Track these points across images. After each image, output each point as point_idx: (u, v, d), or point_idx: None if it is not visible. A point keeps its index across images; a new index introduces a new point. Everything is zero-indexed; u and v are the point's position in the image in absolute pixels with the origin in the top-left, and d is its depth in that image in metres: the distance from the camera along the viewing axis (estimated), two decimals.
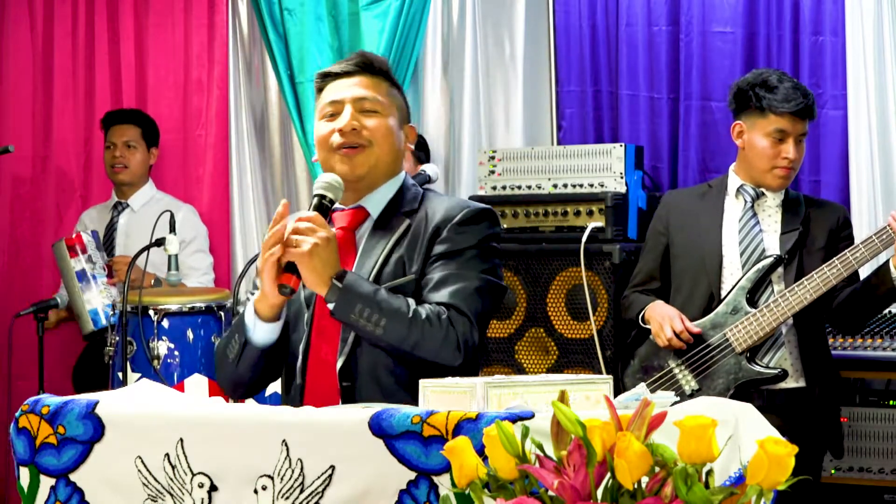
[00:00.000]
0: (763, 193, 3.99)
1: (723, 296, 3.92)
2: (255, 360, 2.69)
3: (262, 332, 2.66)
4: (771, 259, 3.88)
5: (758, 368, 3.86)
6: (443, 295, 2.65)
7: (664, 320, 3.91)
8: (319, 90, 2.82)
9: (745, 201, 3.99)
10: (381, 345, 2.61)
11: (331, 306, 2.58)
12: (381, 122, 2.75)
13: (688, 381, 3.92)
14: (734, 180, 4.03)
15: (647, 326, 3.99)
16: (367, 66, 2.78)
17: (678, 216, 4.07)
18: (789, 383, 3.90)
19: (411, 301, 2.63)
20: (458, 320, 2.62)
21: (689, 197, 4.13)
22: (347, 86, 2.77)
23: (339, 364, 2.66)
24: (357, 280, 2.60)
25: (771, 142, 3.91)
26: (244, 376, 2.72)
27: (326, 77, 2.81)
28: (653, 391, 3.88)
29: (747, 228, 3.95)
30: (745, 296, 3.87)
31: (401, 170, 2.83)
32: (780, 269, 3.90)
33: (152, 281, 5.02)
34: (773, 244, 3.94)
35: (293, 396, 2.71)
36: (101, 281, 5.03)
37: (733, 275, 3.93)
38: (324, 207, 2.63)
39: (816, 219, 3.98)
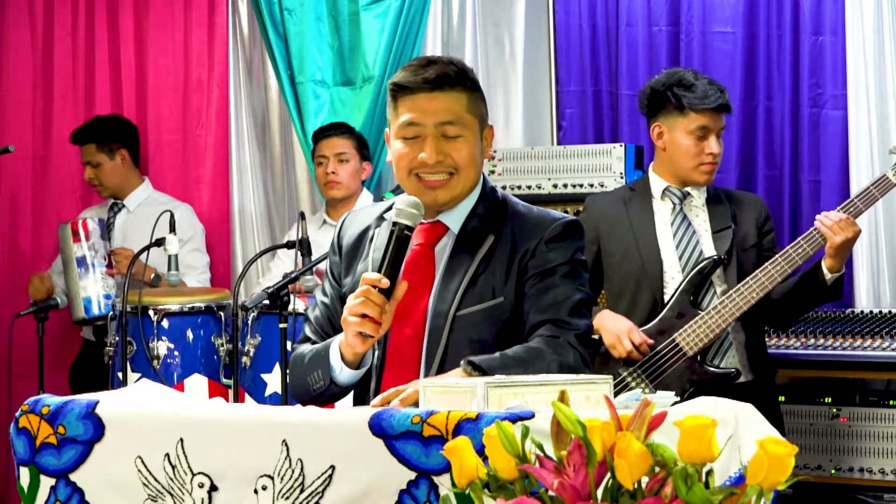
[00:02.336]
0: (689, 194, 4.01)
1: (666, 301, 3.93)
2: (337, 394, 2.66)
3: (348, 376, 2.61)
4: (711, 261, 3.89)
5: (711, 369, 3.87)
6: (549, 313, 2.60)
7: (621, 333, 3.90)
8: (394, 98, 2.68)
9: (674, 203, 4.00)
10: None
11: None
12: (464, 146, 2.64)
13: (642, 389, 3.91)
14: (657, 182, 4.04)
15: (594, 336, 3.96)
16: (446, 80, 2.64)
17: (607, 223, 4.05)
18: (746, 377, 3.92)
19: (531, 346, 2.56)
20: (567, 337, 2.58)
21: (614, 202, 4.11)
22: (427, 107, 2.64)
23: None
24: (487, 365, 2.48)
25: (694, 139, 3.94)
26: (322, 400, 2.68)
27: (402, 89, 2.66)
28: None
29: (681, 231, 3.97)
30: (688, 299, 3.89)
31: (479, 180, 2.73)
32: (720, 270, 3.92)
33: (152, 275, 5.01)
34: (707, 244, 3.96)
35: None
36: (99, 270, 5.04)
37: (674, 279, 3.94)
38: (405, 238, 2.54)
39: (742, 215, 4.01)
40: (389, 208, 2.67)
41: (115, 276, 5.10)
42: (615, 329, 3.90)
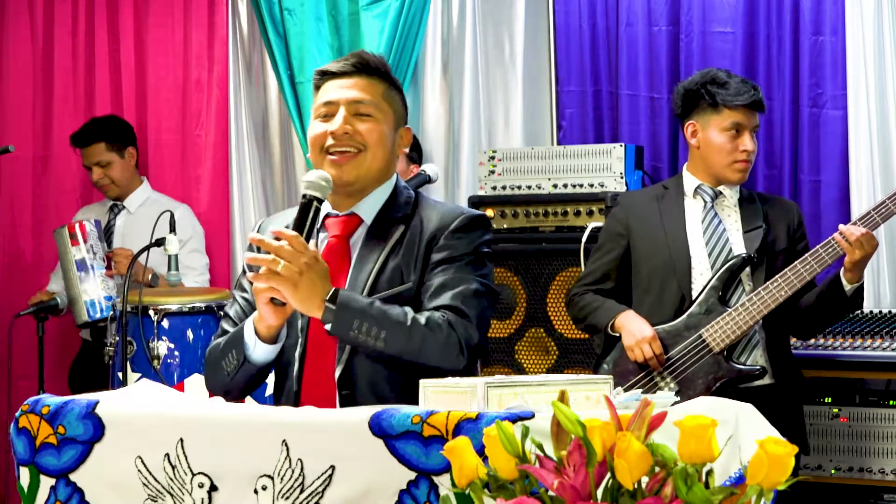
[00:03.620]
0: (721, 193, 4.01)
1: (693, 297, 3.93)
2: (251, 375, 2.68)
3: (262, 353, 2.65)
4: (740, 258, 3.90)
5: (737, 366, 3.87)
6: (443, 299, 2.65)
7: (643, 340, 3.89)
8: (317, 87, 2.80)
9: (705, 201, 4.01)
10: (385, 357, 2.59)
11: (328, 327, 2.56)
12: (375, 126, 2.73)
13: (667, 383, 3.92)
14: (690, 181, 4.05)
15: (615, 334, 3.97)
16: (365, 67, 2.76)
17: (638, 219, 4.07)
18: (765, 380, 3.91)
19: (408, 310, 2.61)
20: (458, 323, 2.62)
21: (647, 199, 4.13)
22: (343, 87, 2.75)
23: (337, 373, 2.65)
24: (350, 297, 2.57)
25: (728, 136, 3.96)
26: (238, 387, 2.71)
27: (324, 75, 2.79)
28: None
29: (712, 229, 3.98)
30: (716, 296, 3.89)
31: (393, 173, 2.81)
32: (749, 269, 3.92)
33: (150, 276, 5.01)
34: (737, 243, 3.96)
35: (286, 401, 2.68)
36: (99, 272, 5.04)
37: (703, 275, 3.94)
38: (314, 209, 2.60)
39: (774, 217, 4.02)
40: None
41: (115, 277, 5.11)
42: (638, 334, 3.90)
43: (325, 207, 2.74)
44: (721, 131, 3.96)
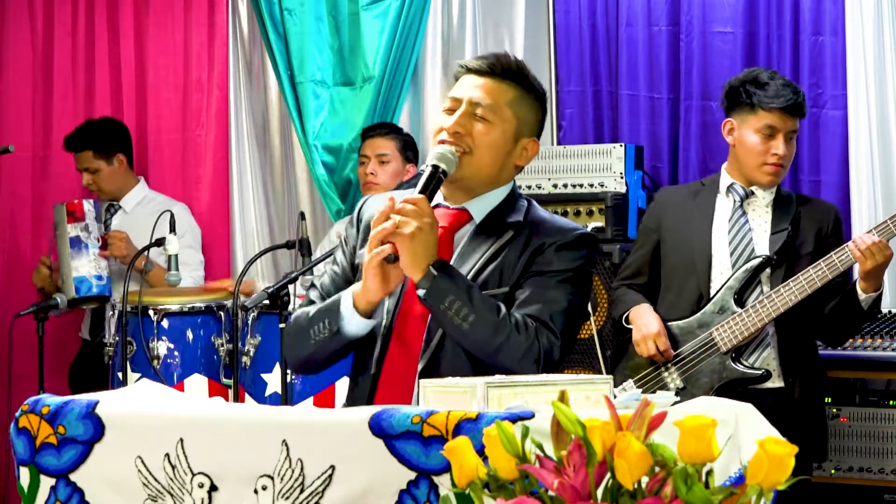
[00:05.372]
0: (753, 192, 4.00)
1: (711, 295, 3.93)
2: (336, 349, 2.68)
3: (356, 326, 2.64)
4: (759, 259, 3.89)
5: (741, 368, 3.87)
6: (531, 308, 2.61)
7: (648, 335, 3.92)
8: (456, 78, 2.77)
9: (735, 200, 4.00)
10: (465, 343, 2.57)
11: (421, 292, 2.55)
12: (488, 131, 2.68)
13: (673, 380, 3.94)
14: (725, 179, 4.06)
15: (629, 327, 4.00)
16: (499, 70, 2.71)
17: (671, 214, 4.09)
18: (776, 383, 3.90)
19: (503, 306, 2.59)
20: (543, 333, 2.59)
21: (683, 195, 4.15)
22: (472, 85, 2.71)
23: (420, 366, 2.63)
24: (454, 271, 2.57)
25: (761, 138, 3.94)
26: (319, 359, 2.71)
27: (462, 68, 2.77)
28: (640, 387, 3.93)
29: (737, 228, 3.97)
30: (732, 296, 3.89)
31: (507, 180, 2.76)
32: (768, 270, 3.91)
33: (144, 263, 5.00)
34: (762, 244, 3.95)
35: (363, 384, 2.67)
36: (92, 251, 5.03)
37: (723, 274, 3.95)
38: (437, 178, 2.61)
39: (807, 220, 3.99)
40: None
41: (109, 259, 5.10)
42: (644, 329, 3.93)
43: (437, 197, 2.71)
44: (755, 132, 3.94)
